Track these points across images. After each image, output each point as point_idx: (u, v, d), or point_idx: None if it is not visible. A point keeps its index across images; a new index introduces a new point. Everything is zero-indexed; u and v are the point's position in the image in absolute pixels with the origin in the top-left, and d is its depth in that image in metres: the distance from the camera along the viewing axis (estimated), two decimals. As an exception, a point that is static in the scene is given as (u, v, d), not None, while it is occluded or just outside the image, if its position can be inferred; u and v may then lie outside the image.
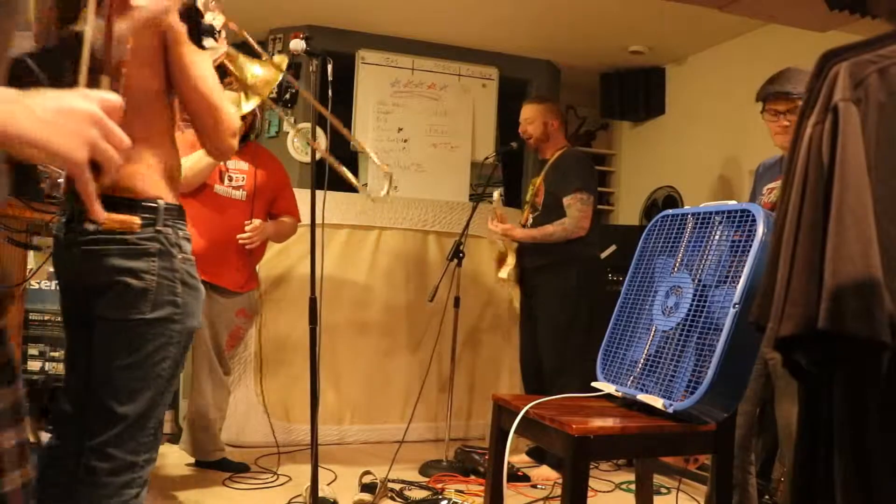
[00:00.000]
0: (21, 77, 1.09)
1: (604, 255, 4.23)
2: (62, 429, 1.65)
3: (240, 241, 3.08)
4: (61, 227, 1.58)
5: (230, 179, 3.11)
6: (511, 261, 3.63)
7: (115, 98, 0.88)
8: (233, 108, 1.63)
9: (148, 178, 1.52)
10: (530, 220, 3.62)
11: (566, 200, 3.48)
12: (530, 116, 3.68)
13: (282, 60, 1.93)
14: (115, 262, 1.48)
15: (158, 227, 1.52)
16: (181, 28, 1.49)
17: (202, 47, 1.46)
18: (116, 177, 1.08)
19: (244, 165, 3.15)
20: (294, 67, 4.59)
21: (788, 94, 2.48)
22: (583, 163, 3.61)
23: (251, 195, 3.13)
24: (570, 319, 3.47)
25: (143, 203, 1.50)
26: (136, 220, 1.25)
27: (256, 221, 3.11)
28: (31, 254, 2.76)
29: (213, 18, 1.60)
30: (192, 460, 3.27)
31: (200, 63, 1.55)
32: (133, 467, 1.50)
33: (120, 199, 1.47)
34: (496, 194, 3.67)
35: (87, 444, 1.50)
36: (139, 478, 1.52)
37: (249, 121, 3.11)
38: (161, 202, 1.53)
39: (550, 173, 3.59)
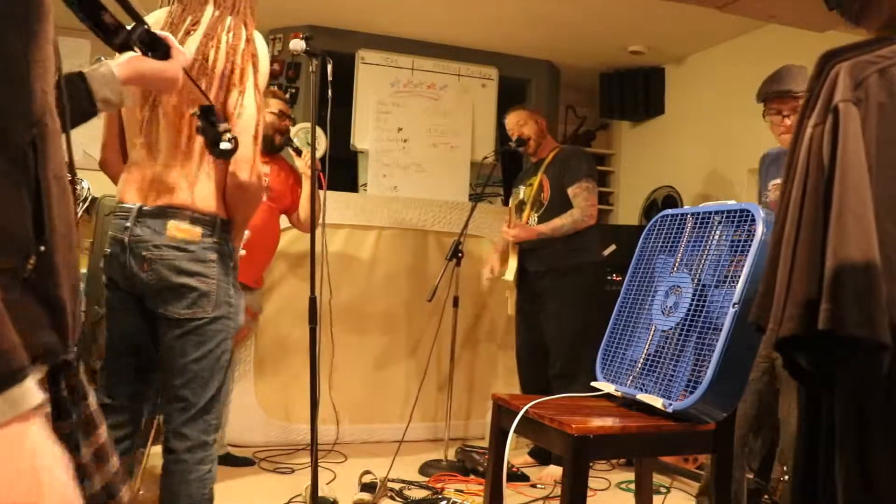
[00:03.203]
0: None
1: (604, 254, 4.23)
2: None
3: None
4: (122, 229, 1.74)
5: None
6: (513, 263, 3.61)
7: None
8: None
9: (210, 196, 1.76)
10: (535, 219, 3.60)
11: (572, 190, 3.47)
12: (521, 119, 3.68)
13: None
14: (184, 267, 1.71)
15: (216, 239, 1.74)
16: None
17: (221, 153, 1.58)
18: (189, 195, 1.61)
19: (266, 168, 3.27)
20: (294, 67, 4.61)
21: (790, 92, 2.44)
22: (583, 153, 3.65)
23: (270, 197, 3.26)
24: (582, 325, 3.48)
25: (204, 217, 1.73)
26: (198, 230, 1.69)
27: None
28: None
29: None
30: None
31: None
32: (205, 445, 1.76)
33: (189, 214, 1.72)
34: (513, 199, 3.68)
35: (166, 429, 1.76)
36: (209, 455, 1.77)
37: (286, 126, 3.35)
38: (218, 218, 1.75)
39: (552, 170, 3.58)
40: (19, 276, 0.76)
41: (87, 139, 1.93)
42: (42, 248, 0.78)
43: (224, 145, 1.53)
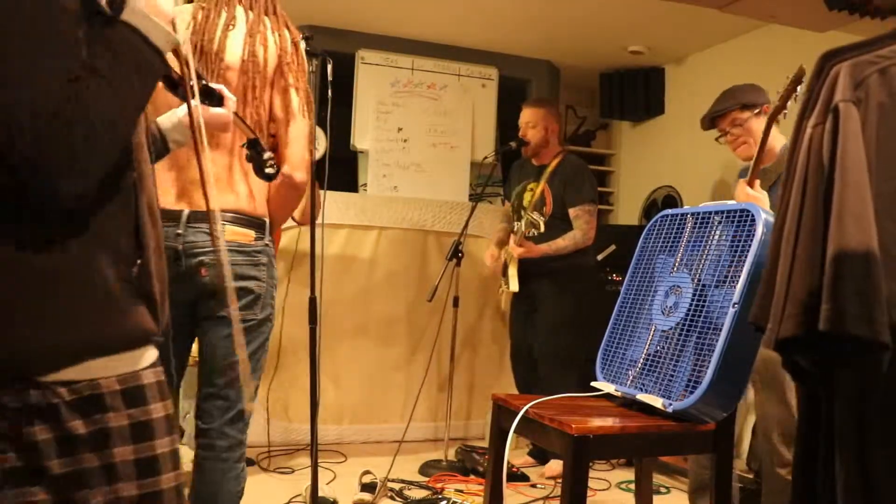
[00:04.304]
0: None
1: (603, 255, 4.24)
2: None
3: None
4: (174, 236, 1.74)
5: None
6: (514, 270, 3.63)
7: None
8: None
9: (257, 197, 1.81)
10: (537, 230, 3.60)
11: (574, 212, 3.52)
12: (532, 120, 3.67)
13: None
14: (241, 271, 1.75)
15: (266, 241, 1.79)
16: None
17: (266, 177, 1.62)
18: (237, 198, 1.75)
19: None
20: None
21: (718, 111, 2.70)
22: (587, 172, 3.65)
23: None
24: (572, 327, 3.53)
25: (255, 220, 1.78)
26: (252, 233, 1.75)
27: None
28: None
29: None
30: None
31: None
32: (241, 444, 1.81)
33: (242, 217, 1.76)
34: (524, 224, 3.65)
35: (204, 426, 1.80)
36: (243, 453, 1.82)
37: None
38: (266, 219, 1.80)
39: (555, 182, 3.59)
40: (129, 280, 1.03)
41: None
42: (139, 260, 1.05)
43: (269, 170, 1.64)
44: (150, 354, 1.08)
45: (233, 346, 1.77)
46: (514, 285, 3.63)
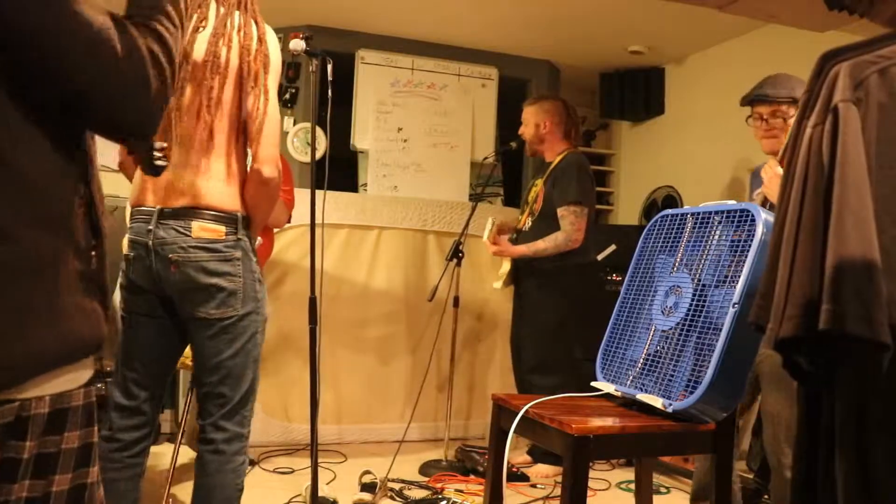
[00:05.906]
0: None
1: (603, 254, 4.24)
2: (115, 421, 1.84)
3: None
4: (145, 232, 1.75)
5: None
6: (505, 268, 3.63)
7: None
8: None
9: (230, 193, 1.79)
10: (528, 225, 3.60)
11: (560, 211, 3.45)
12: (525, 119, 3.69)
13: None
14: (211, 268, 1.73)
15: (239, 236, 1.76)
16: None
17: (153, 171, 1.55)
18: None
19: None
20: (294, 67, 4.61)
21: (767, 97, 2.48)
22: (582, 172, 3.51)
23: None
24: (555, 325, 3.47)
25: (225, 215, 1.78)
26: (222, 228, 1.73)
27: None
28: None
29: None
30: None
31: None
32: (240, 437, 1.82)
33: (211, 213, 1.74)
34: (489, 224, 3.60)
35: (203, 422, 1.81)
36: (244, 447, 1.84)
37: None
38: (239, 214, 1.77)
39: (551, 178, 3.57)
40: (88, 274, 0.94)
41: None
42: (93, 252, 0.97)
43: (158, 163, 1.53)
44: (89, 370, 0.99)
45: (218, 345, 1.78)
46: (497, 283, 3.63)
